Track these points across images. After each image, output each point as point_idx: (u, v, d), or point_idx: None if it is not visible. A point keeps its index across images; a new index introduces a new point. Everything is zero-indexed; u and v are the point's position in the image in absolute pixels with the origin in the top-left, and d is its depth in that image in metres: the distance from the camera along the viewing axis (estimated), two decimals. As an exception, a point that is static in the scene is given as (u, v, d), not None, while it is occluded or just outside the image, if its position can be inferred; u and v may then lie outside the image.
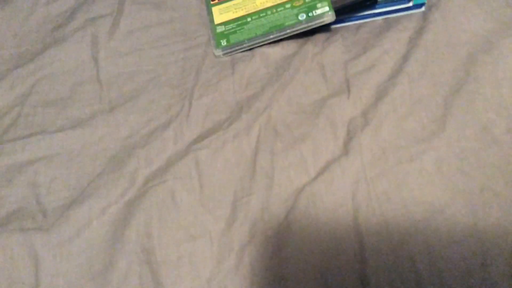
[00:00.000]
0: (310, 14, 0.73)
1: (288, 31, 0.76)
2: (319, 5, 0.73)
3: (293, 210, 0.64)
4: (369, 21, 0.81)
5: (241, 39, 0.78)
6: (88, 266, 0.61)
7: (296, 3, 0.75)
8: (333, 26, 0.82)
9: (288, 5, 0.76)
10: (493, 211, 0.59)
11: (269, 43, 0.80)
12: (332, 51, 0.78)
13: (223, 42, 0.79)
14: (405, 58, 0.74)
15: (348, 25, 0.82)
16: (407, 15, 0.79)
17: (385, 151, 0.66)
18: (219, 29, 0.80)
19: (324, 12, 0.72)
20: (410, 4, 0.77)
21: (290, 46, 0.80)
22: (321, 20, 0.73)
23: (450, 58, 0.73)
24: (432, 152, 0.65)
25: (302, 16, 0.74)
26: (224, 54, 0.79)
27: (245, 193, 0.65)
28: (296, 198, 0.65)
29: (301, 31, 0.75)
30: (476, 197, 0.62)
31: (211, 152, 0.69)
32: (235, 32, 0.79)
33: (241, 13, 0.80)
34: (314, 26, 0.74)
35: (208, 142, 0.70)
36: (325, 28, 0.81)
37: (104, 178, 0.68)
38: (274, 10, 0.77)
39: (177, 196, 0.66)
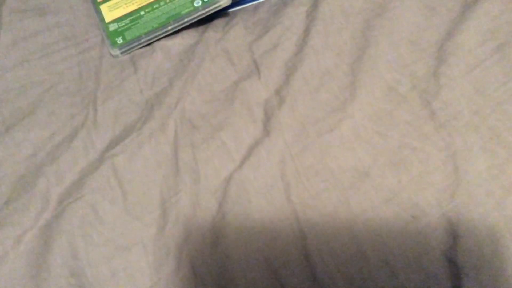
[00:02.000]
0: (205, 0, 0.72)
1: (185, 19, 0.75)
2: (213, -11, 0.72)
3: (225, 200, 0.63)
4: (265, 1, 0.81)
5: (138, 35, 0.75)
6: (12, 303, 0.56)
7: (190, -10, 0.74)
8: (231, 10, 0.82)
9: (182, -7, 0.75)
10: (413, 165, 0.63)
11: (168, 35, 0.78)
12: (234, 35, 0.78)
13: (119, 40, 0.76)
14: (306, 32, 0.76)
15: (246, 7, 0.82)
16: (301, -10, 0.80)
17: (305, 125, 0.68)
18: (112, 27, 0.77)
19: (220, -4, 0.72)
20: (302, -22, 0.78)
21: (190, 36, 0.79)
22: (217, 4, 0.73)
23: (348, 26, 0.76)
24: (348, 119, 0.68)
25: (198, 3, 0.73)
26: (122, 53, 0.76)
27: (172, 192, 0.64)
28: (226, 187, 0.64)
29: (199, 18, 0.74)
30: (396, 154, 0.65)
31: (128, 156, 0.67)
32: (129, 28, 0.76)
33: (133, 7, 0.77)
34: (211, 12, 0.74)
35: (123, 146, 0.67)
36: (223, 13, 0.81)
37: (14, 204, 0.64)
38: (168, 0, 0.75)
39: (99, 209, 0.63)
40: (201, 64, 0.76)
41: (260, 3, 0.84)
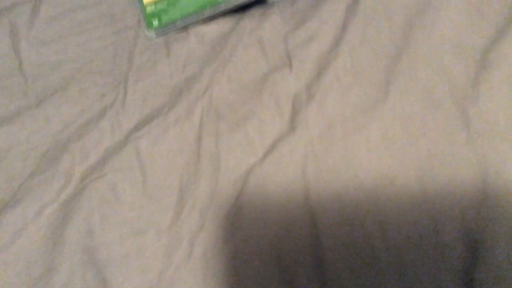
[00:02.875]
0: (244, -13, 0.72)
1: (222, 6, 0.75)
2: (253, -23, 0.72)
3: (243, 192, 0.64)
4: (306, -8, 0.81)
5: (174, 18, 0.77)
6: (27, 273, 0.60)
7: (229, -23, 0.74)
8: (269, 0, 0.81)
9: (220, -21, 0.75)
10: (440, 176, 0.62)
11: (204, 21, 0.78)
12: (270, 25, 0.78)
13: (155, 23, 0.77)
14: (344, 27, 0.75)
15: (285, -3, 0.81)
16: (344, -18, 0.79)
17: (332, 124, 0.68)
18: (149, 9, 0.78)
19: (259, -16, 0.72)
20: (346, -29, 0.77)
21: (226, 23, 0.79)
22: (256, -8, 0.72)
23: (388, 24, 0.75)
24: (377, 121, 0.67)
25: (236, -10, 0.73)
26: (157, 36, 0.77)
27: (191, 179, 0.65)
28: (245, 179, 0.65)
29: (236, 6, 0.74)
30: (424, 163, 0.64)
31: (152, 140, 0.68)
32: (166, 11, 0.77)
33: (171, -10, 0.78)
34: (249, 1, 0.73)
35: (148, 129, 0.69)
36: (261, 2, 0.81)
37: (37, 178, 0.66)
38: (207, -14, 0.76)
39: (119, 189, 0.65)
40: (233, 52, 0.77)
41: (300, -7, 0.83)
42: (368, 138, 0.67)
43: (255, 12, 0.80)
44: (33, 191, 0.66)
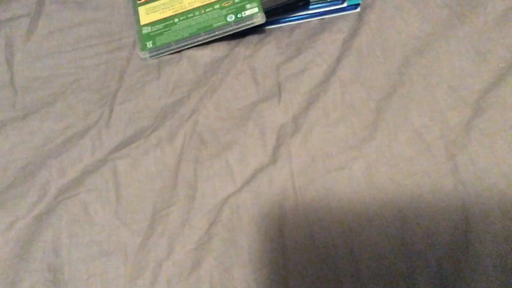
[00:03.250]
0: (239, 15, 0.74)
1: (216, 32, 0.77)
2: (248, 6, 0.74)
3: (216, 222, 0.64)
4: (304, 22, 0.83)
5: (168, 41, 0.78)
6: (-11, 286, 0.60)
7: (225, 4, 0.76)
8: (267, 27, 0.83)
9: (216, 6, 0.77)
10: (422, 222, 0.62)
11: (199, 46, 0.81)
12: (264, 54, 0.79)
13: (149, 44, 0.79)
14: (338, 61, 0.76)
15: (282, 26, 0.83)
16: (343, 16, 0.81)
17: (315, 158, 0.68)
18: (145, 30, 0.80)
19: (254, 13, 0.74)
20: (345, 4, 0.79)
21: (220, 49, 0.81)
22: (251, 21, 0.74)
23: (384, 61, 0.75)
24: (362, 159, 0.67)
25: (231, 18, 0.75)
26: (150, 57, 0.79)
27: (165, 205, 0.66)
28: (220, 209, 0.65)
29: (231, 32, 0.76)
30: (406, 207, 0.63)
31: (131, 162, 0.69)
32: (162, 33, 0.79)
33: (168, 13, 0.80)
34: (243, 28, 0.75)
35: (128, 151, 0.70)
36: (258, 30, 0.83)
37: (13, 191, 0.68)
38: (203, 11, 0.78)
39: (91, 209, 0.66)
40: (225, 79, 0.78)
41: (298, 24, 0.84)
42: (351, 176, 0.67)
43: (252, 39, 0.82)
44: (7, 204, 0.67)
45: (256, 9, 0.75)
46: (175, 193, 0.67)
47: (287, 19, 0.83)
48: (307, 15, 0.83)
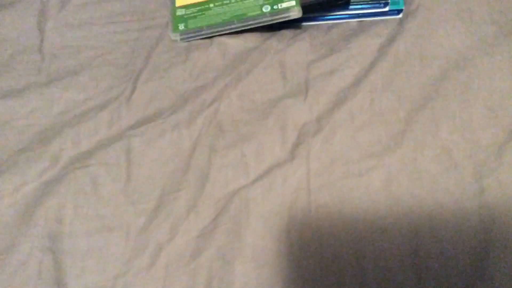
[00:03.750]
0: (275, 7, 0.74)
1: (250, 22, 0.77)
2: (286, -2, 0.74)
3: (223, 213, 0.64)
4: (342, 23, 0.83)
5: (200, 25, 0.79)
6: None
7: (263, -7, 0.76)
8: (304, 24, 0.83)
9: (254, -5, 0.77)
10: (438, 241, 0.62)
11: (231, 34, 0.81)
12: (296, 50, 0.79)
13: (181, 26, 0.80)
14: (372, 65, 0.75)
15: (320, 24, 0.83)
16: (384, 20, 0.80)
17: (334, 161, 0.67)
18: (179, 12, 0.81)
19: (290, 6, 0.74)
20: (387, 9, 0.78)
21: (252, 39, 0.81)
22: (287, 14, 0.74)
23: (420, 71, 0.74)
24: (383, 169, 0.66)
25: (267, 8, 0.75)
26: (181, 39, 0.79)
27: (174, 189, 0.66)
28: (229, 200, 0.65)
29: (265, 24, 0.76)
30: (423, 223, 0.62)
31: (146, 141, 0.70)
32: (195, 17, 0.80)
33: (205, -3, 0.81)
34: (278, 20, 0.75)
35: (145, 130, 0.71)
36: (294, 25, 0.83)
37: (25, 154, 0.69)
38: (239, -1, 0.78)
39: (100, 183, 0.67)
40: (252, 70, 0.78)
41: (336, 24, 0.84)
42: (369, 184, 0.66)
43: (286, 33, 0.81)
44: (18, 167, 0.69)
45: (293, 2, 0.75)
46: (185, 178, 0.67)
47: (325, 18, 0.82)
48: (346, 16, 0.82)
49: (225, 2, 0.80)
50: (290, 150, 0.69)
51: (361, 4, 0.79)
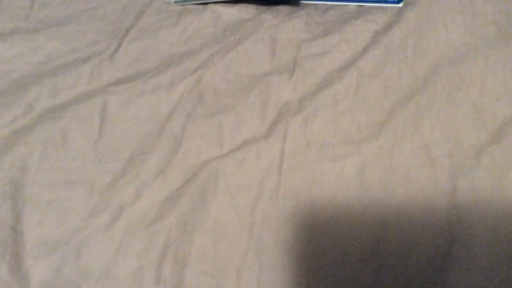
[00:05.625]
0: (274, -20, 0.72)
1: (247, -8, 0.75)
2: (286, -28, 0.73)
3: (190, 182, 0.64)
4: (341, 5, 0.81)
5: (196, -10, 0.77)
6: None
7: (263, -36, 0.74)
8: (302, 2, 0.82)
9: (254, -35, 0.75)
10: (402, 235, 0.63)
11: (227, 3, 0.79)
12: (290, 27, 0.77)
13: (177, -11, 0.78)
14: (364, 51, 0.73)
15: (318, 4, 0.81)
16: (383, 7, 0.79)
17: (310, 144, 0.66)
18: (176, -26, 0.79)
19: (290, -19, 0.72)
20: (388, -5, 0.76)
21: (247, 11, 0.79)
22: (285, -10, 0.72)
23: (412, 63, 0.73)
24: (358, 157, 0.65)
25: (266, -20, 0.73)
26: (175, 2, 0.78)
27: (144, 151, 0.66)
28: (198, 170, 0.65)
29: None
30: (390, 216, 0.62)
31: (123, 100, 0.69)
32: (192, -19, 0.78)
33: (204, -38, 0.79)
34: (276, -6, 0.73)
35: (124, 88, 0.70)
36: (293, 1, 0.82)
37: (1, 99, 0.69)
38: (239, -33, 0.76)
39: (70, 136, 0.66)
40: (242, 42, 0.77)
41: (335, 5, 0.82)
42: (341, 171, 0.65)
43: (283, 9, 0.80)
44: (-9, 111, 0.68)
45: (293, -22, 0.73)
46: (157, 142, 0.67)
47: (325, -2, 0.80)
48: (346, -2, 0.80)
49: (223, -31, 0.78)
50: (268, 127, 0.68)
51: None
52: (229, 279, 0.59)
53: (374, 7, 0.79)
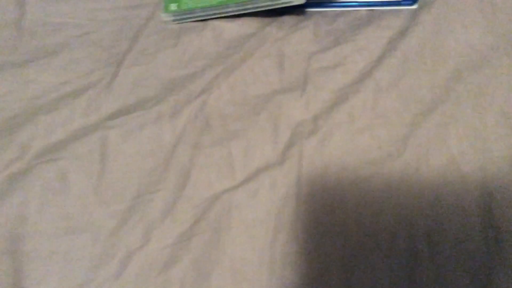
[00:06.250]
0: (275, -10, 0.67)
1: (248, 6, 0.70)
2: (288, -19, 0.67)
3: (202, 219, 0.59)
4: (351, 11, 0.75)
5: (194, 7, 0.72)
6: None
7: (263, -25, 0.69)
8: (309, 10, 0.76)
9: (253, -24, 0.70)
10: (437, 259, 0.56)
11: (227, 18, 0.73)
12: (298, 39, 0.72)
13: (173, 6, 0.73)
14: (379, 61, 0.68)
15: (326, 11, 0.76)
16: (396, 10, 0.73)
17: (328, 167, 0.61)
18: (171, -10, 0.74)
19: (293, -10, 0.66)
20: (400, -3, 0.70)
21: (250, 25, 0.74)
22: (288, 0, 0.66)
23: (432, 70, 0.67)
24: (382, 178, 0.60)
25: (267, -9, 0.67)
26: (173, 21, 0.72)
27: (150, 189, 0.60)
28: (210, 205, 0.60)
29: (264, 8, 0.69)
30: (420, 240, 0.56)
31: (124, 133, 0.64)
32: (188, -3, 0.72)
33: (199, -24, 0.74)
34: (279, 6, 0.69)
35: (124, 121, 0.65)
36: (298, 11, 0.76)
37: (-7, 142, 0.63)
38: (236, -20, 0.71)
39: (69, 178, 0.61)
40: (247, 59, 0.71)
41: (344, 12, 0.76)
42: (366, 194, 0.60)
43: (288, 20, 0.75)
44: (-17, 156, 0.63)
45: (296, -14, 0.68)
46: (164, 178, 0.61)
47: (332, 4, 0.75)
48: (355, 3, 0.75)
49: (221, -18, 0.72)
50: (282, 152, 0.62)
51: (373, -10, 0.71)
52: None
53: (387, 10, 0.73)
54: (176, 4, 0.76)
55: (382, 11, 0.75)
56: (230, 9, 0.73)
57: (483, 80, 0.67)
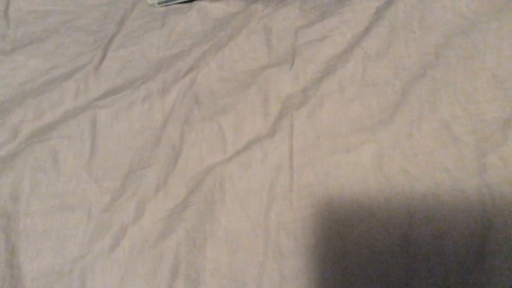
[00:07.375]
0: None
1: (234, -17, 0.71)
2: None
3: (195, 192, 0.60)
4: (337, -14, 0.76)
5: (179, -12, 0.74)
6: None
7: (247, -49, 0.71)
8: (294, -13, 0.77)
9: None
10: (433, 223, 0.59)
11: (213, -3, 0.75)
12: (284, 14, 0.74)
13: (158, -11, 0.75)
14: (366, 31, 0.70)
15: (313, -13, 0.77)
16: (382, -19, 0.74)
17: (319, 137, 0.63)
18: (157, -27, 0.76)
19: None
20: (386, -33, 0.72)
21: (236, 3, 0.77)
22: (273, -26, 0.69)
23: (420, 37, 0.69)
24: (374, 144, 0.61)
25: (251, -33, 0.70)
26: (159, 3, 0.75)
27: (142, 165, 0.62)
28: (203, 178, 0.61)
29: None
30: (417, 204, 0.58)
31: (114, 113, 0.66)
32: (173, -21, 0.75)
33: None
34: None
35: (113, 100, 0.66)
36: (283, -12, 0.77)
37: (-16, 127, 0.65)
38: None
39: (60, 158, 0.63)
40: (234, 36, 0.73)
41: (330, -14, 0.78)
42: (357, 162, 0.62)
43: (274, -3, 0.76)
44: (-26, 140, 0.65)
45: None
46: (155, 154, 0.63)
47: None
48: (340, -24, 0.76)
49: (205, -38, 0.74)
50: (272, 124, 0.64)
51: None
52: (249, 292, 0.54)
53: (372, -18, 0.75)
54: (162, -14, 0.78)
55: (368, -17, 0.77)
56: (216, -12, 0.75)
57: (472, 45, 0.69)
